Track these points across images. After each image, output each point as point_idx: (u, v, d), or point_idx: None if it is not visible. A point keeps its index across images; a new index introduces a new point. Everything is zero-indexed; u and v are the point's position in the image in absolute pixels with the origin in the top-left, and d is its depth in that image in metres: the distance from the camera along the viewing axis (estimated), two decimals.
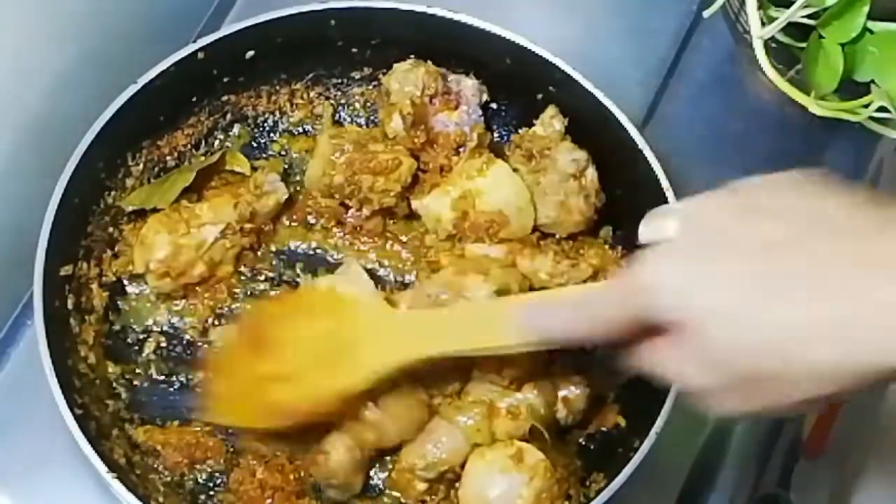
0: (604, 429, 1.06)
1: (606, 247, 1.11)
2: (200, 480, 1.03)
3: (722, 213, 0.71)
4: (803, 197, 0.70)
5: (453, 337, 0.91)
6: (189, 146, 1.13)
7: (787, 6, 1.17)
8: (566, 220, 1.09)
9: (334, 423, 0.99)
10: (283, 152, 1.16)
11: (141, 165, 1.10)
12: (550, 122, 1.11)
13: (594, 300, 0.78)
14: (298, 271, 1.11)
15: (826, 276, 0.66)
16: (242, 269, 1.10)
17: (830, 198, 0.70)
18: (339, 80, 1.17)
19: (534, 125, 1.12)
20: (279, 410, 0.96)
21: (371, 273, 1.09)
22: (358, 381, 0.95)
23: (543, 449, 1.00)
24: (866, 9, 1.16)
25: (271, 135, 1.16)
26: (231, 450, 1.03)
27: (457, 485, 1.01)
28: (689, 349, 0.70)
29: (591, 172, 1.08)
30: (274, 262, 1.11)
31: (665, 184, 1.04)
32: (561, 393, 1.03)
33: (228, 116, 1.15)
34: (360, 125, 1.17)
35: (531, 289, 1.06)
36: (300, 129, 1.17)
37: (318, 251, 1.12)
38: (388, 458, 1.04)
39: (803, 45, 1.21)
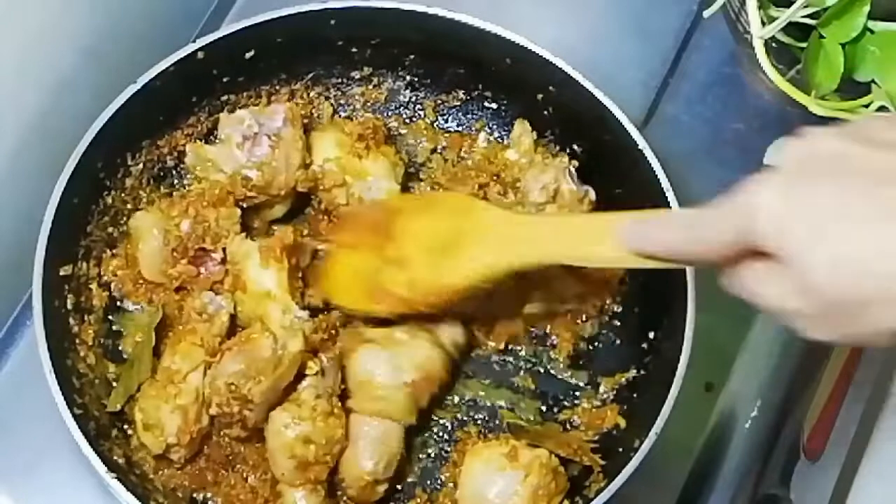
0: (604, 429, 1.06)
1: None
2: None
3: (834, 142, 0.72)
4: None
5: (561, 247, 0.93)
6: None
7: (788, 6, 1.17)
8: None
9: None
10: None
11: (140, 165, 1.10)
12: (520, 140, 1.11)
13: (698, 221, 0.77)
14: None
15: None
16: None
17: None
18: (339, 80, 1.17)
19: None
20: (386, 294, 1.01)
21: None
22: (464, 278, 0.98)
23: (538, 440, 1.01)
24: (867, 8, 1.16)
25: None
26: (228, 453, 1.03)
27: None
28: (788, 273, 0.71)
29: (567, 186, 1.08)
30: None
31: (665, 184, 1.04)
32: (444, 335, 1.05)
33: None
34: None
35: None
36: None
37: None
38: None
39: (804, 44, 1.21)
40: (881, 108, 1.17)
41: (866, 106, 1.18)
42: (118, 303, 1.08)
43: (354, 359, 1.03)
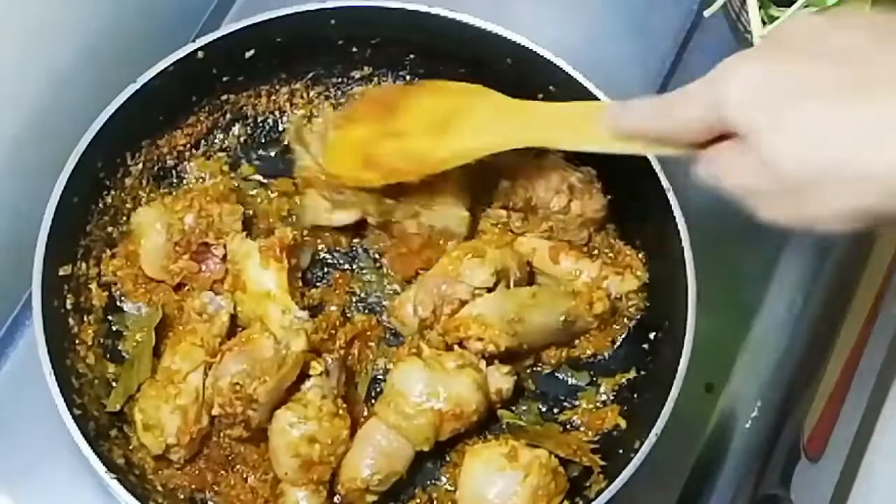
0: (604, 429, 1.06)
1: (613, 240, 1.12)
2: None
3: (802, 25, 0.74)
4: (885, 14, 0.73)
5: (549, 129, 0.97)
6: (188, 145, 1.13)
7: (788, 6, 1.17)
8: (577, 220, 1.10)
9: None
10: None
11: (140, 165, 1.10)
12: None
13: (673, 101, 0.80)
14: None
15: None
16: None
17: None
18: (339, 80, 1.17)
19: None
20: (379, 163, 1.04)
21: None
22: (454, 152, 1.01)
23: (538, 441, 1.01)
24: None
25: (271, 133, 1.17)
26: (228, 453, 1.03)
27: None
28: (752, 150, 0.72)
29: (573, 177, 1.09)
30: None
31: (665, 183, 1.03)
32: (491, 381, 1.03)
33: (228, 116, 1.15)
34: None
35: (530, 272, 1.08)
36: None
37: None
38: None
39: None
40: None
41: None
42: (118, 303, 1.08)
43: (399, 368, 1.01)
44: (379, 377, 1.08)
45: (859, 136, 0.68)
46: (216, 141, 1.15)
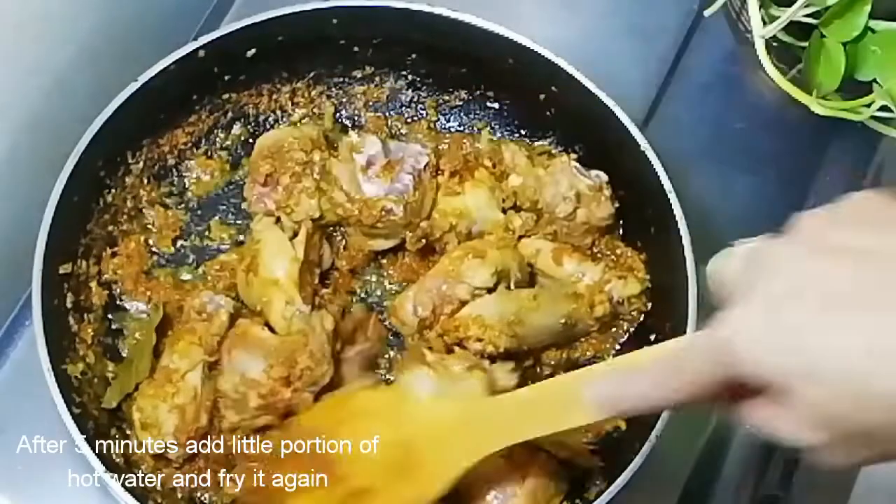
0: (604, 432, 1.06)
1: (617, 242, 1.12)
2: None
3: (797, 252, 0.65)
4: (885, 232, 0.64)
5: (530, 423, 0.87)
6: (190, 144, 1.13)
7: (789, 5, 1.17)
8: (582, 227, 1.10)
9: None
10: None
11: (141, 164, 1.10)
12: (514, 163, 1.11)
13: (672, 366, 0.70)
14: None
15: None
16: None
17: None
18: (341, 79, 1.17)
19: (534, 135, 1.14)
20: None
21: None
22: (442, 485, 0.91)
23: (536, 442, 0.99)
24: (868, 8, 1.16)
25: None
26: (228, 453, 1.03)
27: None
28: (795, 408, 0.64)
29: (582, 184, 1.09)
30: None
31: (667, 184, 1.03)
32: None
33: (229, 115, 1.15)
34: (360, 125, 1.18)
35: (531, 273, 1.08)
36: None
37: None
38: None
39: (805, 44, 1.21)
40: (883, 108, 1.17)
41: (868, 105, 1.18)
42: (118, 301, 1.08)
43: (406, 376, 1.00)
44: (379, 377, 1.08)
45: None
46: (217, 140, 1.15)
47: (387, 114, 1.18)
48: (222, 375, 1.01)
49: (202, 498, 1.02)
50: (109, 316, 1.07)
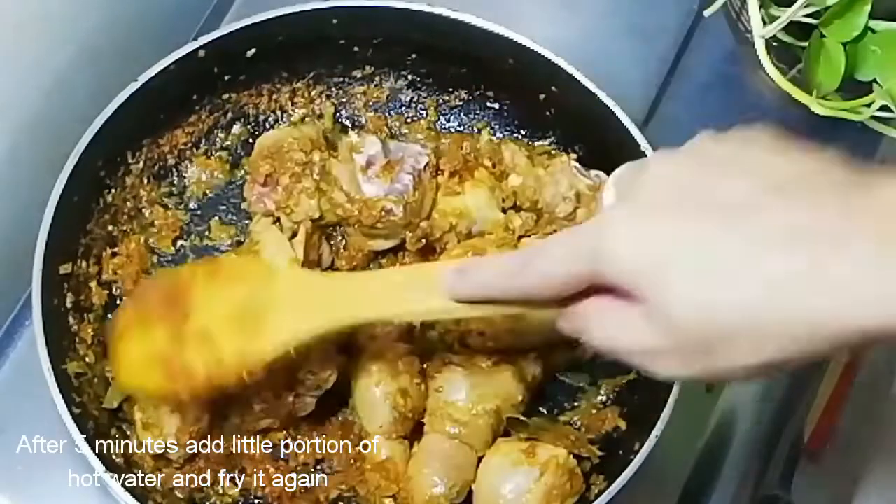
0: (604, 431, 1.06)
1: None
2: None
3: (685, 172, 0.67)
4: (772, 153, 0.67)
5: (376, 303, 0.85)
6: (189, 144, 1.13)
7: (789, 5, 1.17)
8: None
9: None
10: None
11: (141, 164, 1.10)
12: (514, 163, 1.10)
13: (529, 257, 0.71)
14: None
15: (812, 229, 0.62)
16: None
17: (799, 153, 0.67)
18: (341, 79, 1.17)
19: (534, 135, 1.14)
20: (189, 374, 0.90)
21: None
22: (273, 348, 0.89)
23: (536, 434, 1.01)
24: (868, 8, 1.16)
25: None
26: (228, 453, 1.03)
27: None
28: (643, 310, 0.65)
29: (582, 183, 1.09)
30: None
31: None
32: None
33: (229, 115, 1.14)
34: (360, 125, 1.18)
35: None
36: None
37: None
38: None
39: (805, 44, 1.21)
40: (883, 108, 1.17)
41: (868, 105, 1.18)
42: (118, 301, 1.08)
43: (439, 380, 1.00)
44: None
45: (785, 281, 0.61)
46: (217, 140, 1.15)
47: (387, 114, 1.18)
48: None
49: (202, 498, 1.02)
50: (109, 316, 1.07)
